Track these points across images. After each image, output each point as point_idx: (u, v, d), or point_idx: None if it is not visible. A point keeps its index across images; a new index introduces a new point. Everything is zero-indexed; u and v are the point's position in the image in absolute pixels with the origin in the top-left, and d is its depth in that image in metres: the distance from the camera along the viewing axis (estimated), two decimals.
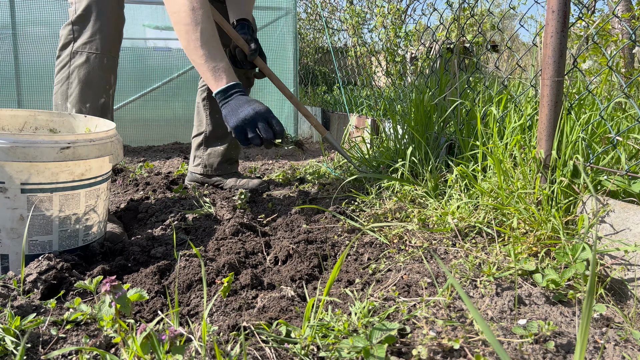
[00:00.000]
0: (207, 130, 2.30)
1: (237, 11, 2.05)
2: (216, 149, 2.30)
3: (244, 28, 1.99)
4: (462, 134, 1.93)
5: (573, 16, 1.56)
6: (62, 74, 1.74)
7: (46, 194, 1.26)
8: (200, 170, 2.34)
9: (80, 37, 1.72)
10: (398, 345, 0.92)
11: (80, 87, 1.71)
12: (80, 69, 1.71)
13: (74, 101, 1.72)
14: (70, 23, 1.74)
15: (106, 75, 1.75)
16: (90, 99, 1.72)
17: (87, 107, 1.72)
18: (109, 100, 1.77)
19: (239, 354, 0.86)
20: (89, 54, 1.71)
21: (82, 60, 1.72)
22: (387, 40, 4.03)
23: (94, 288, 1.06)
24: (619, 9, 2.71)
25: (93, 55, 1.71)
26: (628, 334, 0.99)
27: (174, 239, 1.40)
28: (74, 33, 1.73)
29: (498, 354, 0.54)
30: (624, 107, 1.76)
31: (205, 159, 2.32)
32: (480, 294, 1.14)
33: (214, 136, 2.30)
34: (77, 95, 1.71)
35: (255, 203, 2.02)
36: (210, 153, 2.31)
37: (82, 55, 1.72)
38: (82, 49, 1.72)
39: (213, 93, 1.63)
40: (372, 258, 1.37)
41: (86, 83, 1.71)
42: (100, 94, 1.74)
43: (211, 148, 2.31)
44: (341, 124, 3.76)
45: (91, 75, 1.72)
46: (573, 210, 1.38)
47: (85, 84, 1.71)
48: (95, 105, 1.73)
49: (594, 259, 0.60)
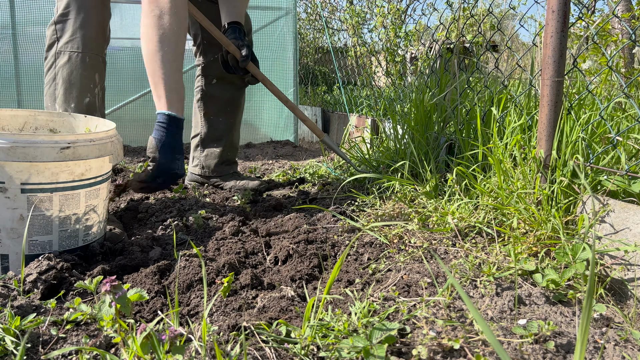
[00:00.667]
0: (202, 132, 2.31)
1: (229, 12, 2.01)
2: (212, 150, 2.31)
3: (235, 32, 1.95)
4: (462, 134, 1.93)
5: (573, 16, 1.56)
6: (49, 75, 1.72)
7: (46, 193, 1.26)
8: (198, 171, 2.35)
9: (63, 36, 1.69)
10: (398, 345, 0.92)
11: (65, 87, 1.68)
12: (64, 69, 1.68)
13: (60, 102, 1.70)
14: (54, 22, 1.71)
15: (89, 74, 1.70)
16: (74, 100, 1.69)
17: (72, 107, 1.70)
18: (94, 99, 1.73)
19: (239, 354, 0.86)
20: (71, 53, 1.67)
21: (64, 60, 1.68)
22: (387, 40, 4.03)
23: (94, 288, 1.06)
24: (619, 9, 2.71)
25: (75, 54, 1.67)
26: (628, 334, 0.99)
27: (174, 239, 1.40)
28: (57, 32, 1.70)
29: (498, 353, 0.54)
30: (624, 107, 1.76)
31: (202, 160, 2.33)
32: (480, 294, 1.14)
33: (209, 138, 2.31)
34: (62, 95, 1.69)
35: (256, 203, 2.02)
36: (207, 155, 2.32)
37: (64, 55, 1.68)
38: (64, 49, 1.68)
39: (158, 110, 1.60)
40: (372, 258, 1.37)
41: (69, 83, 1.68)
42: (84, 93, 1.70)
43: (208, 150, 2.31)
44: (341, 124, 3.76)
45: (74, 75, 1.68)
46: (573, 210, 1.38)
47: (68, 84, 1.68)
48: (80, 105, 1.70)
49: (594, 259, 0.60)
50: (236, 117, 2.34)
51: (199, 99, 2.30)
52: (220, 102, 2.28)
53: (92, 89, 1.72)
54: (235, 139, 2.39)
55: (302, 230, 1.57)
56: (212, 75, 2.26)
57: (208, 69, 2.27)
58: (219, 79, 2.26)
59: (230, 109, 2.31)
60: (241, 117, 2.39)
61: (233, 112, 2.32)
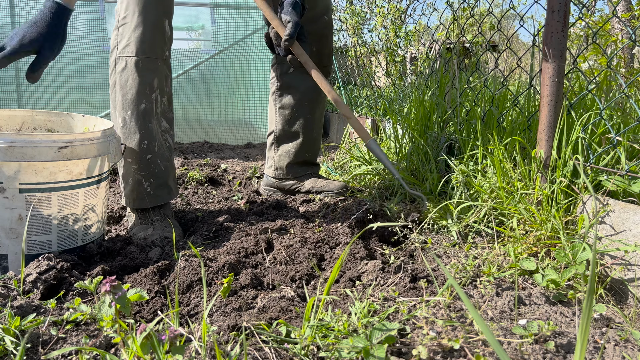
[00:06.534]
0: (277, 128, 2.11)
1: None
2: (288, 149, 2.10)
3: (289, 5, 1.62)
4: (462, 134, 1.93)
5: (573, 16, 1.55)
6: (110, 81, 1.65)
7: (44, 193, 1.26)
8: (272, 173, 2.15)
9: (121, 41, 1.61)
10: (398, 345, 0.92)
11: (122, 94, 1.61)
12: (121, 75, 1.60)
13: (119, 109, 1.62)
14: (116, 27, 1.63)
15: (144, 80, 1.60)
16: (129, 107, 1.60)
17: (129, 114, 1.60)
18: (151, 105, 1.62)
19: (239, 354, 0.86)
20: (127, 58, 1.59)
21: (122, 66, 1.60)
22: (387, 40, 4.03)
23: (94, 288, 1.05)
24: (619, 9, 2.71)
25: (130, 59, 1.59)
26: (628, 334, 0.99)
27: (174, 239, 1.40)
28: (118, 37, 1.62)
29: (497, 354, 0.54)
30: (624, 107, 1.76)
31: (276, 160, 2.13)
32: (480, 294, 1.14)
33: (285, 135, 2.10)
34: (120, 102, 1.61)
35: (255, 202, 2.02)
36: (281, 154, 2.12)
37: (122, 61, 1.60)
38: (122, 54, 1.60)
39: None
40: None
41: (126, 89, 1.60)
42: (140, 99, 1.60)
43: (282, 148, 2.11)
44: (341, 124, 3.76)
45: (129, 82, 1.60)
46: (573, 211, 1.37)
47: (125, 91, 1.60)
48: (137, 112, 1.60)
49: (594, 259, 0.60)
50: (316, 111, 2.10)
51: (274, 91, 2.09)
52: (298, 93, 2.06)
53: (149, 94, 1.61)
54: (316, 137, 2.14)
55: (302, 230, 1.56)
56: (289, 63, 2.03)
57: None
58: (296, 66, 2.01)
59: (309, 102, 2.08)
60: (323, 111, 2.15)
61: (312, 105, 2.09)
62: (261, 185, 2.23)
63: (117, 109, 1.63)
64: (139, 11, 1.57)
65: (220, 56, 4.05)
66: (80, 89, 3.81)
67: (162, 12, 1.62)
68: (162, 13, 1.62)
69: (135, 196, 1.64)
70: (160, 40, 1.62)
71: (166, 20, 1.63)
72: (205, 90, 4.11)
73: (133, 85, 1.59)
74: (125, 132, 1.61)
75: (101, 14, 3.71)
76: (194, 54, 4.01)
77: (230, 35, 4.00)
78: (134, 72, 1.59)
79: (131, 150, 1.61)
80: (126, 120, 1.61)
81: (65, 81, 3.78)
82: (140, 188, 1.63)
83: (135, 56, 1.58)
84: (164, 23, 1.63)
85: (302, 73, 1.93)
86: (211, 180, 2.46)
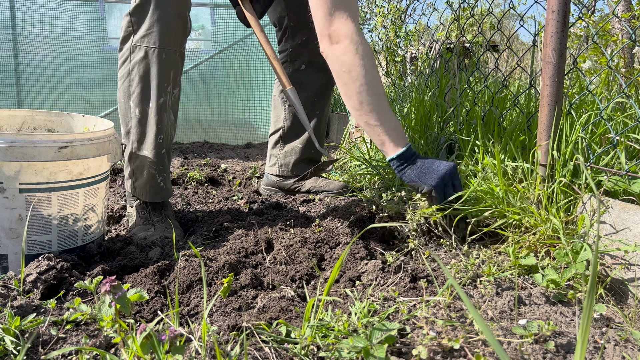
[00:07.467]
0: (285, 125, 2.11)
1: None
2: (294, 146, 2.10)
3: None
4: (462, 134, 1.93)
5: (573, 16, 1.55)
6: (123, 69, 1.60)
7: (44, 193, 1.26)
8: (275, 170, 2.15)
9: (140, 29, 1.55)
10: (398, 345, 0.92)
11: (141, 86, 1.57)
12: (140, 65, 1.56)
13: (137, 100, 1.58)
14: (129, 14, 1.57)
15: (165, 72, 1.57)
16: (150, 98, 1.58)
17: (150, 106, 1.58)
18: (166, 98, 1.60)
19: (239, 354, 0.86)
20: (147, 48, 1.54)
21: (140, 55, 1.55)
22: (387, 40, 4.03)
23: (94, 288, 1.05)
24: (619, 9, 2.71)
25: (151, 50, 1.54)
26: (628, 334, 0.99)
27: (174, 239, 1.40)
28: (133, 25, 1.56)
29: (497, 353, 0.54)
30: (624, 107, 1.76)
31: (281, 158, 2.13)
32: (480, 293, 1.14)
33: (292, 132, 2.11)
34: (139, 94, 1.58)
35: (255, 202, 2.02)
36: (287, 151, 2.12)
37: (140, 50, 1.55)
38: (140, 43, 1.55)
39: (390, 157, 1.44)
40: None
41: (146, 82, 1.57)
42: (160, 93, 1.58)
43: (289, 145, 2.12)
44: (341, 124, 3.76)
45: (150, 73, 1.56)
46: (573, 210, 1.37)
47: (145, 83, 1.57)
48: (155, 105, 1.59)
49: (595, 259, 0.60)
50: (324, 108, 2.11)
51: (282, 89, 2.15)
52: (309, 91, 2.05)
53: (166, 87, 1.59)
54: (322, 134, 2.14)
55: (302, 230, 1.56)
56: (301, 61, 2.03)
57: (295, 53, 2.05)
58: (308, 64, 2.03)
59: (318, 99, 2.08)
60: (329, 109, 2.16)
61: (322, 102, 2.09)
62: (261, 185, 2.23)
63: (133, 100, 1.59)
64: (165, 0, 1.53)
65: (220, 56, 4.05)
66: (80, 89, 3.81)
67: (187, 3, 1.59)
68: (187, 4, 1.59)
69: (148, 189, 1.62)
70: (182, 32, 1.60)
71: (189, 11, 1.62)
72: (205, 90, 4.11)
73: (154, 77, 1.56)
74: (144, 124, 1.59)
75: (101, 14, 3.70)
76: (194, 54, 4.01)
77: (230, 35, 4.00)
78: (155, 63, 1.55)
79: (148, 144, 1.59)
80: (146, 112, 1.58)
81: (65, 81, 3.78)
82: (154, 182, 1.62)
83: (157, 47, 1.54)
84: (187, 14, 1.60)
85: (314, 70, 1.98)
86: (211, 180, 2.46)
